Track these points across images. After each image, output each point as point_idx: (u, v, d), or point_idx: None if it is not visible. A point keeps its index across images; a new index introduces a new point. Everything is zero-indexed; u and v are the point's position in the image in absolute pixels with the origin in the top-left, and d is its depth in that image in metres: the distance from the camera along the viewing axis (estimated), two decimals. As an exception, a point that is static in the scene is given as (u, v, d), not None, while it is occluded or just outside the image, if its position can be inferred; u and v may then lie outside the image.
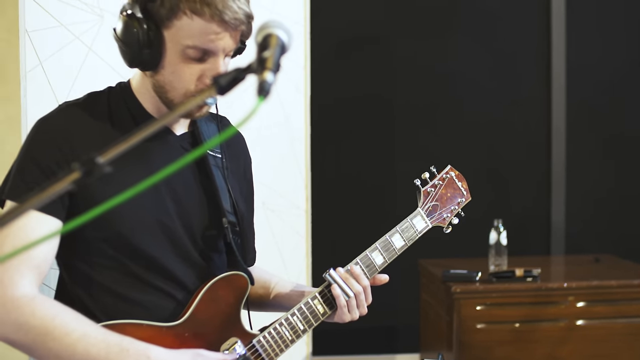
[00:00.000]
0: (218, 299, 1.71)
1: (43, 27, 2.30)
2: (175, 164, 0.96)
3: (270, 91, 1.03)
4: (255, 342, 1.72)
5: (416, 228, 1.92)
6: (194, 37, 1.56)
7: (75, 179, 0.97)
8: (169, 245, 1.68)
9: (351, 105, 4.32)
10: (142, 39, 1.56)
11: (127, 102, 1.71)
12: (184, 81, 1.60)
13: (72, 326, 1.51)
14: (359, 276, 1.79)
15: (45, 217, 1.56)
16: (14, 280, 1.51)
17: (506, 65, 4.36)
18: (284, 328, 1.75)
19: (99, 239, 1.63)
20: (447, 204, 1.98)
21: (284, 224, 3.10)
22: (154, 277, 1.67)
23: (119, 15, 1.61)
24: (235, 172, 1.86)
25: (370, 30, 4.32)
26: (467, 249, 4.06)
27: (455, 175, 2.02)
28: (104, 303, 1.65)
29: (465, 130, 4.35)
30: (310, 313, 1.77)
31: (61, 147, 1.60)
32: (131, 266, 1.65)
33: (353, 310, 1.78)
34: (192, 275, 1.72)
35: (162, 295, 1.68)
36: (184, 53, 1.58)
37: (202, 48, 1.57)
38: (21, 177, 1.59)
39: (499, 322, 3.34)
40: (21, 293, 1.51)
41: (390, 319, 4.30)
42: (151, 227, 1.66)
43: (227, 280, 1.73)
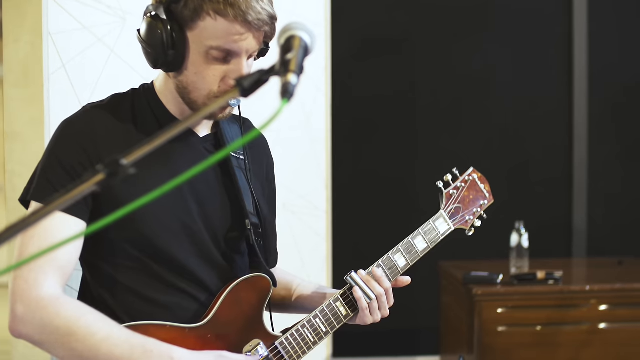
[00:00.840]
0: (241, 300, 1.71)
1: (66, 30, 2.32)
2: (199, 165, 0.96)
3: (294, 93, 1.03)
4: (277, 343, 1.72)
5: (439, 230, 1.90)
6: (217, 38, 1.56)
7: (100, 181, 0.97)
8: (192, 246, 1.68)
9: (372, 106, 4.32)
10: (166, 40, 1.57)
11: (151, 104, 1.72)
12: (207, 82, 1.61)
13: (97, 327, 1.51)
14: (381, 278, 1.78)
15: (69, 218, 1.56)
16: (39, 281, 1.52)
17: (528, 67, 4.34)
18: (306, 330, 1.74)
19: (122, 240, 1.63)
20: (469, 206, 1.97)
21: (304, 225, 3.10)
22: (177, 279, 1.67)
23: (143, 16, 1.61)
24: (258, 173, 1.86)
25: (391, 31, 4.31)
26: (488, 251, 4.04)
27: (478, 177, 2.00)
28: (127, 304, 1.65)
29: (487, 131, 4.33)
30: (333, 315, 1.77)
31: (86, 149, 1.61)
32: (154, 267, 1.65)
33: (375, 313, 1.77)
34: (214, 276, 1.72)
35: (185, 297, 1.68)
36: (207, 54, 1.58)
37: (225, 49, 1.57)
38: (46, 178, 1.60)
39: (521, 325, 3.32)
40: (46, 293, 1.52)
41: (411, 321, 4.28)
42: (174, 228, 1.66)
43: (250, 282, 1.73)
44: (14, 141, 2.30)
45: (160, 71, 1.70)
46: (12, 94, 2.30)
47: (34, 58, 2.27)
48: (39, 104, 2.26)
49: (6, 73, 2.31)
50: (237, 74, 1.58)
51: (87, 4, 2.35)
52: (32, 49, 2.27)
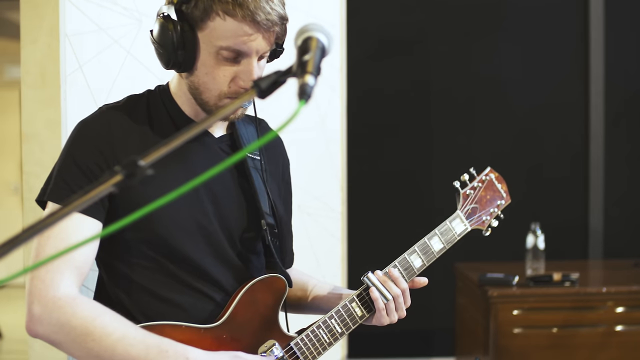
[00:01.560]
0: (256, 301, 1.71)
1: (83, 31, 2.33)
2: (216, 167, 0.96)
3: (312, 95, 1.03)
4: (292, 344, 1.72)
5: (455, 231, 1.90)
6: (227, 38, 1.56)
7: (118, 182, 0.98)
8: (208, 247, 1.69)
9: (387, 107, 4.31)
10: (176, 40, 1.58)
11: (166, 104, 1.73)
12: (218, 82, 1.61)
13: (112, 327, 1.52)
14: (398, 279, 1.78)
15: (86, 218, 1.57)
16: (55, 281, 1.53)
17: (543, 67, 4.32)
18: (321, 331, 1.74)
19: (138, 241, 1.64)
20: (486, 206, 1.96)
21: (319, 227, 3.10)
22: (193, 279, 1.67)
23: (155, 17, 1.63)
24: (274, 174, 1.87)
25: (406, 32, 4.31)
26: (504, 252, 4.03)
27: (495, 177, 2.00)
28: (143, 304, 1.66)
29: (502, 132, 4.32)
30: (348, 316, 1.77)
31: (102, 150, 1.62)
32: (170, 267, 1.66)
33: (391, 314, 1.77)
34: (230, 277, 1.72)
35: (201, 297, 1.68)
36: (217, 54, 1.59)
37: (235, 49, 1.57)
38: (63, 179, 1.60)
39: (537, 327, 3.30)
40: (63, 293, 1.53)
41: (426, 322, 4.28)
42: (190, 229, 1.66)
43: (265, 282, 1.73)
44: (31, 142, 2.31)
45: (175, 72, 1.70)
46: (30, 95, 2.31)
47: (51, 60, 2.28)
48: (56, 105, 2.27)
49: (24, 75, 2.33)
50: (247, 74, 1.59)
51: (103, 6, 2.36)
52: (49, 50, 2.28)
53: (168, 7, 1.60)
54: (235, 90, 1.61)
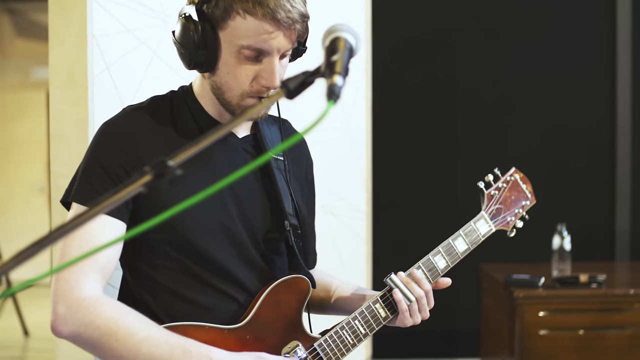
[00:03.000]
0: (280, 302, 1.71)
1: (110, 33, 2.35)
2: (242, 169, 0.97)
3: (340, 95, 1.03)
4: (316, 345, 1.72)
5: (480, 232, 1.89)
6: (247, 37, 1.56)
7: (147, 182, 0.98)
8: (232, 247, 1.69)
9: (412, 107, 4.30)
10: (197, 40, 1.58)
11: (189, 105, 1.73)
12: (240, 82, 1.61)
13: (136, 328, 1.52)
14: (421, 280, 1.77)
15: (110, 219, 1.58)
16: (80, 281, 1.54)
17: (570, 66, 4.29)
18: (345, 332, 1.74)
19: (162, 242, 1.64)
20: (511, 207, 1.94)
21: (344, 227, 3.10)
22: (217, 280, 1.67)
23: (177, 18, 1.63)
24: (297, 174, 1.86)
25: (431, 31, 4.29)
26: (529, 253, 4.01)
27: (520, 177, 1.99)
28: (167, 304, 1.66)
29: (528, 132, 4.29)
30: (372, 317, 1.76)
31: (126, 151, 1.62)
32: (194, 268, 1.66)
33: (415, 315, 1.77)
34: (253, 277, 1.72)
35: (224, 298, 1.68)
36: (239, 53, 1.59)
37: (256, 48, 1.57)
38: (87, 181, 1.61)
39: (563, 328, 3.28)
40: (87, 294, 1.53)
41: (450, 323, 4.26)
42: (214, 229, 1.66)
43: (289, 283, 1.72)
44: (59, 142, 2.33)
45: (197, 73, 1.71)
46: (58, 96, 2.34)
47: (79, 61, 2.30)
48: (83, 106, 2.29)
49: (52, 76, 2.35)
50: (269, 73, 1.59)
51: (130, 7, 2.38)
52: (77, 51, 2.31)
53: (189, 7, 1.61)
54: (258, 89, 1.61)
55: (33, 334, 6.11)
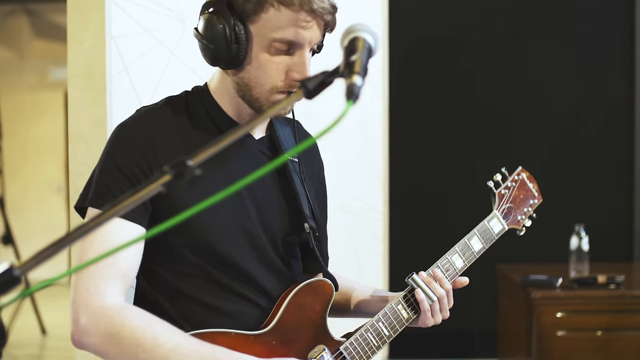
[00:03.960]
0: (304, 305, 1.67)
1: (128, 33, 2.35)
2: (259, 170, 0.95)
3: (360, 95, 1.03)
4: (342, 349, 1.69)
5: (493, 231, 1.89)
6: (281, 29, 1.53)
7: (166, 182, 0.98)
8: (252, 251, 1.65)
9: (429, 107, 4.29)
10: (229, 35, 1.54)
11: (206, 104, 1.69)
12: (271, 76, 1.57)
13: (164, 337, 1.47)
14: (442, 280, 1.76)
15: (129, 224, 1.53)
16: (101, 290, 1.49)
17: (588, 67, 4.27)
18: (369, 334, 1.72)
19: (182, 246, 1.60)
20: (520, 205, 1.95)
21: (361, 227, 3.10)
22: (238, 284, 1.64)
23: (200, 14, 1.59)
24: (311, 176, 1.84)
25: (448, 31, 4.28)
26: (547, 254, 3.99)
27: (526, 176, 2.00)
28: (186, 310, 1.62)
29: (547, 133, 4.27)
30: (395, 319, 1.75)
31: (144, 152, 1.58)
32: (215, 273, 1.62)
33: (436, 315, 1.76)
34: (274, 281, 1.68)
35: (246, 303, 1.65)
36: (270, 47, 1.55)
37: (289, 40, 1.54)
38: (104, 184, 1.56)
39: (580, 329, 3.26)
40: (110, 303, 1.49)
41: (467, 323, 4.25)
42: (235, 233, 1.63)
43: (313, 286, 1.69)
44: (77, 142, 2.34)
45: (215, 72, 1.68)
46: (76, 96, 2.35)
47: (97, 61, 2.31)
48: (101, 106, 2.30)
49: (70, 76, 2.36)
50: (301, 66, 1.56)
51: (148, 8, 2.39)
52: (95, 52, 2.31)
53: (215, 2, 1.57)
54: (289, 83, 1.57)
55: (50, 333, 6.15)
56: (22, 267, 0.90)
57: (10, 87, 8.73)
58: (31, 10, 8.42)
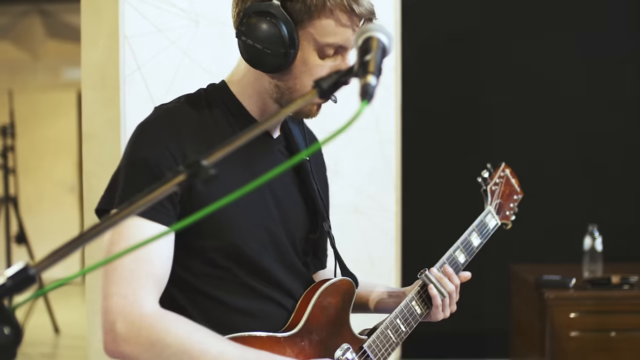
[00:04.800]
0: (329, 305, 1.69)
1: (141, 33, 2.36)
2: (278, 167, 0.95)
3: (374, 95, 1.03)
4: (365, 346, 1.71)
5: (489, 226, 1.96)
6: (336, 35, 1.53)
7: (180, 181, 0.98)
8: (275, 252, 1.64)
9: (442, 107, 4.28)
10: (287, 40, 1.51)
11: (227, 103, 1.65)
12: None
13: (210, 344, 1.45)
14: (452, 275, 1.81)
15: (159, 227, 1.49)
16: (139, 297, 1.45)
17: (602, 64, 4.25)
18: (389, 331, 1.74)
19: (209, 249, 1.57)
20: (507, 201, 2.02)
21: (373, 226, 3.09)
22: (264, 285, 1.63)
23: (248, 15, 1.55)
24: (320, 177, 1.84)
25: (461, 31, 4.27)
26: (560, 254, 3.97)
27: (509, 172, 2.06)
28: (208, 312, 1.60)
29: (559, 132, 4.25)
30: (410, 315, 1.78)
31: (171, 150, 1.53)
32: (241, 275, 1.60)
33: (446, 309, 1.80)
34: (296, 282, 1.68)
35: (271, 303, 1.64)
36: (320, 51, 1.55)
37: (340, 45, 1.54)
38: (134, 185, 1.50)
39: (594, 330, 3.25)
40: (150, 310, 1.45)
41: (480, 323, 4.24)
42: (260, 234, 1.61)
43: (336, 285, 1.70)
44: (91, 142, 2.35)
45: (240, 72, 1.65)
46: (90, 96, 2.36)
47: (111, 61, 2.32)
48: (115, 106, 2.31)
49: (84, 76, 2.37)
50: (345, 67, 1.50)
51: (161, 8, 2.40)
52: (109, 52, 2.32)
53: (267, 5, 1.53)
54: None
55: (63, 332, 6.18)
56: (37, 266, 0.90)
57: (23, 87, 8.76)
58: (44, 11, 8.46)
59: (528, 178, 4.06)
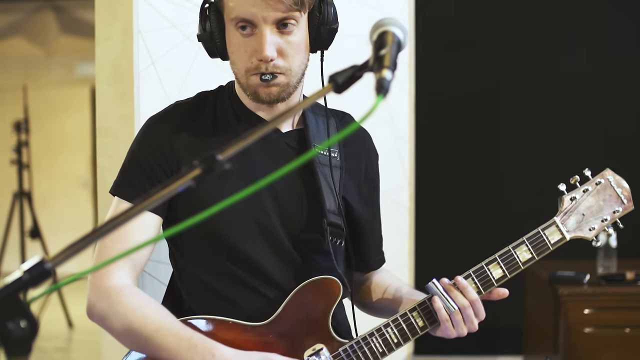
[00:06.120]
0: (306, 303, 1.65)
1: (155, 28, 2.36)
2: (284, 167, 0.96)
3: (389, 89, 1.02)
4: (341, 350, 1.64)
5: (549, 240, 1.74)
6: (234, 9, 1.57)
7: (196, 176, 0.98)
8: (267, 244, 1.65)
9: (456, 103, 4.27)
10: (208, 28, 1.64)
11: (231, 99, 1.74)
12: (241, 59, 1.60)
13: (151, 318, 1.55)
14: (465, 289, 1.66)
15: (148, 214, 1.61)
16: (109, 271, 1.60)
17: (623, 61, 4.21)
18: (374, 339, 1.65)
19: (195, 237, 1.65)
20: (596, 213, 1.77)
21: (387, 222, 3.07)
22: (248, 276, 1.65)
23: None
24: (354, 172, 1.79)
25: (475, 27, 4.25)
26: (574, 250, 3.94)
27: (614, 180, 1.81)
28: (202, 299, 1.67)
29: (573, 129, 4.23)
30: (407, 326, 1.66)
31: (163, 148, 1.65)
32: (225, 264, 1.65)
33: (458, 326, 1.66)
34: (289, 276, 1.68)
35: (255, 295, 1.66)
36: (235, 30, 1.59)
37: (242, 18, 1.57)
38: (126, 176, 1.67)
39: (608, 326, 3.23)
40: (113, 283, 1.59)
41: (493, 320, 4.21)
42: (248, 226, 1.64)
43: (318, 284, 1.65)
44: (105, 137, 2.36)
45: None
46: (104, 91, 2.36)
47: (125, 56, 2.32)
48: (129, 101, 2.31)
49: (98, 71, 2.37)
50: (259, 44, 1.56)
51: (175, 3, 2.40)
52: (123, 47, 2.33)
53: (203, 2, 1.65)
54: (257, 64, 1.58)
55: (77, 326, 6.21)
56: (53, 260, 0.91)
57: (37, 83, 8.80)
58: (58, 7, 8.48)
59: (542, 174, 4.04)
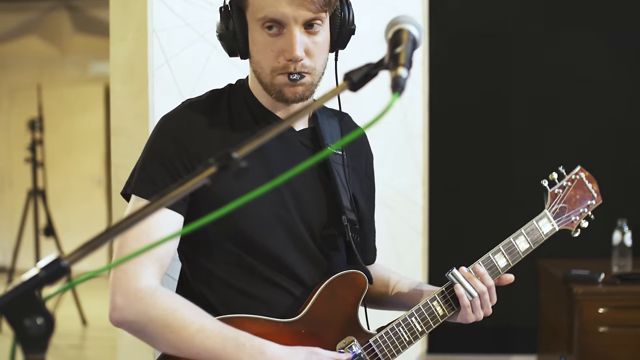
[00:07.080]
0: (336, 296, 1.69)
1: (169, 27, 2.37)
2: (302, 164, 0.96)
3: (405, 87, 1.02)
4: (371, 342, 1.70)
5: (542, 231, 1.86)
6: (263, 9, 1.57)
7: (211, 174, 0.98)
8: (289, 240, 1.68)
9: (470, 101, 4.26)
10: (231, 27, 1.63)
11: (245, 97, 1.73)
12: (268, 58, 1.61)
13: (191, 319, 1.53)
14: (484, 275, 1.75)
15: (169, 212, 1.59)
16: (137, 273, 1.55)
17: (629, 61, 4.19)
18: (401, 329, 1.72)
19: (219, 235, 1.64)
20: (575, 206, 1.92)
21: (400, 220, 3.08)
22: (273, 273, 1.67)
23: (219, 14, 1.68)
24: (357, 168, 1.84)
25: (489, 25, 4.24)
26: (589, 249, 3.93)
27: (585, 176, 1.95)
28: (224, 297, 1.66)
29: (587, 127, 4.21)
30: (429, 315, 1.74)
31: (184, 145, 1.63)
32: (250, 261, 1.65)
33: (477, 311, 1.75)
34: (311, 271, 1.71)
35: (280, 291, 1.68)
36: (262, 29, 1.59)
37: (271, 18, 1.57)
38: (147, 174, 1.63)
39: (623, 325, 3.22)
40: (144, 285, 1.55)
41: (507, 318, 4.21)
42: (271, 222, 1.66)
43: (346, 278, 1.71)
44: (120, 135, 2.37)
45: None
46: (118, 90, 2.37)
47: (139, 55, 2.33)
48: (143, 100, 2.32)
49: (113, 70, 2.38)
50: (289, 44, 1.57)
51: (189, 2, 2.40)
52: (137, 46, 2.34)
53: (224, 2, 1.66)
54: (284, 64, 1.59)
55: (91, 324, 6.24)
56: (70, 257, 0.91)
57: (51, 82, 8.85)
58: (72, 6, 8.52)
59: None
